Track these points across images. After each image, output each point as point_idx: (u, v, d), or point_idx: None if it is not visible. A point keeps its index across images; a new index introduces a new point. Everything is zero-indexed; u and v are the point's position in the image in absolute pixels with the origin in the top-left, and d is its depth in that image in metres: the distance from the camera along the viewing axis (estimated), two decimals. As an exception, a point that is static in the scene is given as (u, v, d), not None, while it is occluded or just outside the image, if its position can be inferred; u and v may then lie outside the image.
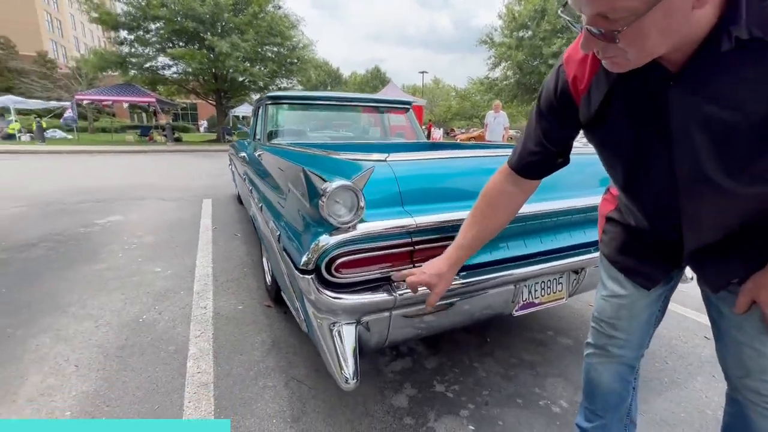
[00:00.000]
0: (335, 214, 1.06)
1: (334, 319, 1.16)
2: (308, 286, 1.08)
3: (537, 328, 2.17)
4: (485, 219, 1.03)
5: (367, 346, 1.22)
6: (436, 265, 1.07)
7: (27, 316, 2.20)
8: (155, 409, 1.52)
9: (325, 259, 1.09)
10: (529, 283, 1.52)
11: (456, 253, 1.06)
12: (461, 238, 1.06)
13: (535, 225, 1.51)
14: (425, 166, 1.41)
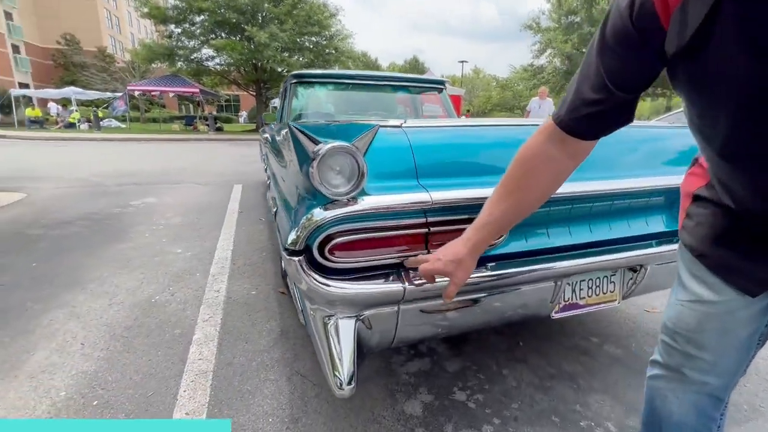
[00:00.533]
0: (329, 184, 0.87)
1: (329, 311, 0.97)
2: (296, 270, 0.89)
3: (579, 334, 1.87)
4: (519, 191, 0.79)
5: (368, 346, 1.02)
6: (453, 249, 0.86)
7: (49, 290, 2.22)
8: (148, 395, 1.42)
9: (318, 237, 0.90)
10: (574, 280, 1.25)
11: (478, 234, 0.83)
12: (486, 215, 0.82)
13: (583, 209, 1.23)
14: (447, 135, 1.17)
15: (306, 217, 0.89)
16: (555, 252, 1.20)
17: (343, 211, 0.89)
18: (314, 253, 0.91)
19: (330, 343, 0.95)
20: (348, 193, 0.88)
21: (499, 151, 1.16)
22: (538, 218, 1.18)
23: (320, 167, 0.84)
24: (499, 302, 1.17)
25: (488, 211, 0.82)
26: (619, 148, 1.30)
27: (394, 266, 1.01)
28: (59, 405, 1.37)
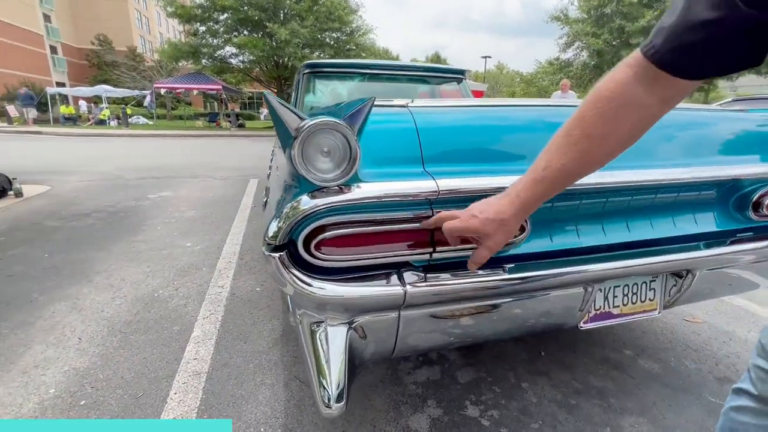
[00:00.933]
0: (315, 168, 0.73)
1: (317, 317, 0.84)
2: (277, 269, 0.77)
3: (610, 345, 1.68)
4: (588, 141, 0.60)
5: (361, 358, 0.89)
6: (495, 206, 0.70)
7: (56, 282, 2.20)
8: (138, 396, 1.34)
9: (304, 230, 0.77)
10: (607, 286, 1.08)
11: (530, 190, 0.66)
12: (542, 168, 0.65)
13: (621, 203, 1.05)
14: (460, 116, 1.02)
15: (290, 206, 0.76)
16: (585, 253, 1.03)
17: (333, 200, 0.76)
18: (299, 248, 0.78)
19: (317, 354, 0.82)
20: (337, 179, 0.74)
21: (520, 135, 1.00)
22: (566, 213, 1.01)
23: (304, 148, 0.71)
24: (518, 309, 1.01)
25: (544, 164, 0.65)
26: (664, 133, 1.11)
27: (393, 266, 0.87)
28: (46, 404, 1.30)
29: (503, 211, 0.69)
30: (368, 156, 0.85)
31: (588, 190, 0.96)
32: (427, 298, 0.86)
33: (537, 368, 1.52)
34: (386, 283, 0.83)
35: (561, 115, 1.06)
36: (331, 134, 0.72)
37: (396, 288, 0.82)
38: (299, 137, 0.70)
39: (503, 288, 0.91)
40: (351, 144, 0.73)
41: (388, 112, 0.97)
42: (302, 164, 0.72)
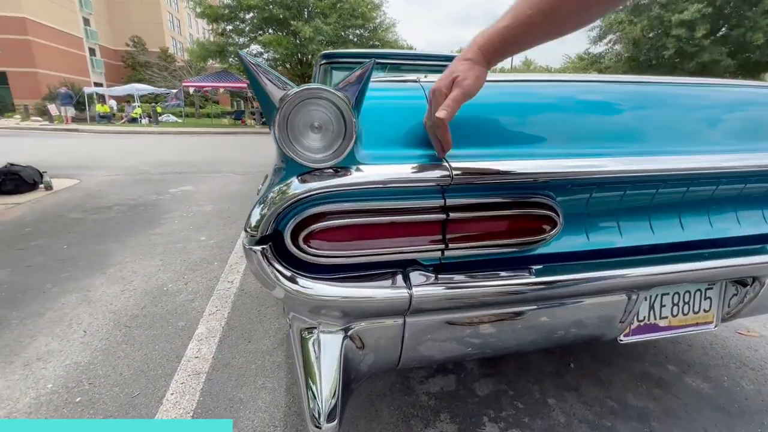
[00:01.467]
0: (302, 146, 0.62)
1: (309, 321, 0.73)
2: (259, 264, 0.66)
3: (651, 358, 1.49)
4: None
5: (358, 370, 0.77)
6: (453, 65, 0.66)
7: (71, 273, 2.20)
8: (134, 396, 1.27)
9: (293, 220, 0.66)
10: (653, 294, 0.92)
11: (486, 36, 0.64)
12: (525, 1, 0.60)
13: (674, 196, 0.89)
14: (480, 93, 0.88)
15: (275, 191, 0.65)
16: (629, 254, 0.87)
17: (326, 185, 0.64)
18: (286, 240, 0.67)
19: (308, 364, 0.71)
20: (329, 159, 0.63)
21: (548, 114, 0.84)
22: (606, 206, 0.85)
23: (289, 121, 0.60)
24: (547, 318, 0.86)
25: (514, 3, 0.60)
26: (728, 114, 0.94)
27: (398, 264, 0.75)
28: (42, 399, 1.26)
29: (464, 55, 0.64)
30: (371, 135, 0.73)
31: (634, 178, 0.81)
32: (437, 303, 0.73)
33: (566, 382, 1.36)
34: (388, 285, 0.71)
35: (593, 91, 0.91)
36: (322, 105, 0.61)
37: (400, 291, 0.69)
38: (283, 108, 0.59)
39: (529, 293, 0.77)
40: (345, 117, 0.61)
41: (397, 87, 0.85)
42: (287, 141, 0.61)
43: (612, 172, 0.77)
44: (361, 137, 0.71)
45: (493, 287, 0.75)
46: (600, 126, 0.84)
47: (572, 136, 0.81)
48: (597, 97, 0.88)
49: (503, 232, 0.76)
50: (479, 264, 0.80)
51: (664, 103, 0.92)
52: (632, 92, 0.92)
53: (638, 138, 0.85)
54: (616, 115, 0.86)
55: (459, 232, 0.73)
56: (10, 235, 2.83)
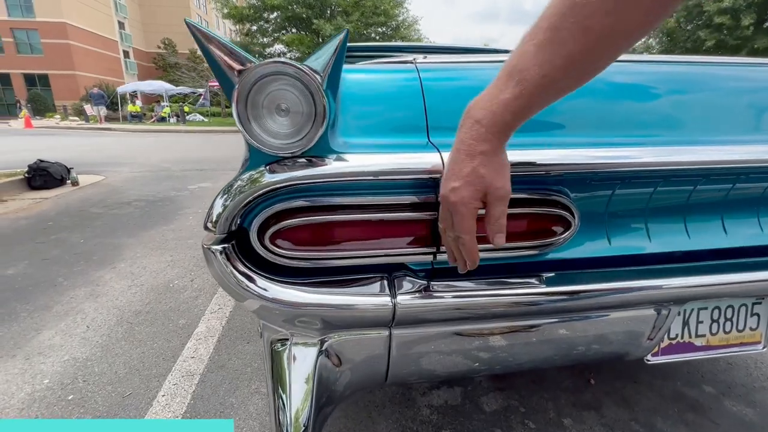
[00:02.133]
0: (264, 130, 0.53)
1: (280, 331, 0.64)
2: (220, 266, 0.58)
3: (685, 377, 1.33)
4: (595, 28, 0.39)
5: (333, 389, 0.68)
6: (454, 154, 0.50)
7: (83, 267, 2.22)
8: (125, 395, 1.24)
9: (260, 216, 0.58)
10: (688, 308, 0.78)
11: (513, 102, 0.45)
12: (532, 61, 0.43)
13: (715, 194, 0.75)
14: (482, 74, 0.77)
15: (242, 181, 0.57)
16: (658, 261, 0.74)
17: (296, 176, 0.56)
18: (252, 238, 0.59)
19: (278, 378, 0.63)
20: (296, 147, 0.54)
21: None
22: (632, 205, 0.73)
23: (248, 102, 0.52)
24: (567, 331, 0.75)
25: (533, 55, 0.42)
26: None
27: (384, 268, 0.65)
28: (36, 395, 1.24)
29: (470, 148, 0.48)
30: (355, 121, 0.65)
31: (667, 172, 0.68)
32: (427, 314, 0.64)
33: (585, 400, 1.23)
34: (369, 292, 0.61)
35: (618, 72, 0.78)
36: (287, 83, 0.52)
37: (382, 299, 0.60)
38: (240, 86, 0.51)
39: (536, 305, 0.66)
40: (315, 98, 0.52)
41: (386, 68, 0.75)
42: (247, 124, 0.52)
43: (641, 164, 0.65)
44: (339, 123, 0.62)
45: (492, 297, 0.65)
46: (626, 110, 0.72)
47: (591, 123, 0.70)
48: (623, 78, 0.76)
49: (506, 233, 0.65)
50: (480, 270, 0.70)
51: (705, 85, 0.79)
52: (666, 73, 0.79)
53: (673, 125, 0.72)
54: (646, 99, 0.74)
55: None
56: (33, 228, 2.91)
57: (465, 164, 0.48)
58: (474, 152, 0.47)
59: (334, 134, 0.61)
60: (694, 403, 1.21)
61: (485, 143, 0.47)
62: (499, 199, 0.50)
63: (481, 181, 0.48)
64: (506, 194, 0.50)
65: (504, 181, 0.49)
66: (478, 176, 0.48)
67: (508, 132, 0.48)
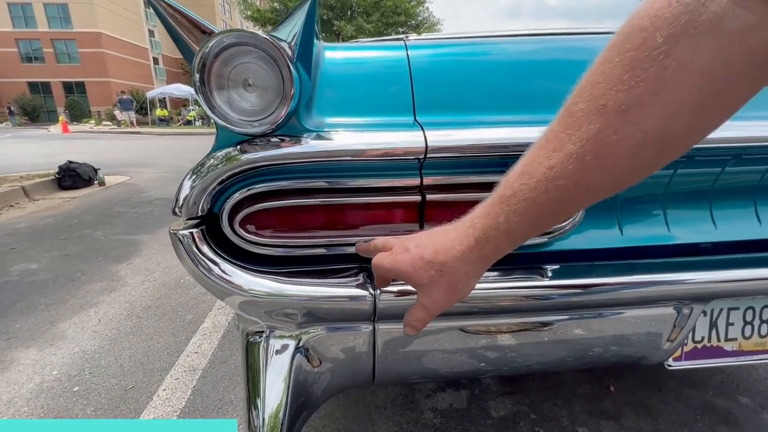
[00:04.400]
0: (228, 106, 0.50)
1: (256, 322, 0.61)
2: (187, 252, 0.55)
3: (716, 386, 1.21)
4: (612, 115, 0.29)
5: (314, 387, 0.63)
6: (436, 241, 0.40)
7: (101, 263, 2.28)
8: (127, 389, 1.24)
9: (231, 199, 0.54)
10: (715, 308, 0.69)
11: (490, 217, 0.36)
12: (516, 176, 0.35)
13: (748, 176, 0.66)
14: (477, 50, 0.71)
15: (210, 161, 0.53)
16: (679, 254, 0.66)
17: (271, 154, 0.52)
18: (222, 223, 0.55)
19: (254, 376, 0.59)
20: (262, 125, 0.50)
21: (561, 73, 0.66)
22: (647, 190, 0.65)
23: (211, 75, 0.48)
24: (580, 330, 0.67)
25: (520, 168, 0.35)
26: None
27: (359, 257, 0.60)
28: (44, 386, 1.26)
29: (445, 249, 0.38)
30: (335, 99, 0.60)
31: (690, 151, 0.60)
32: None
33: (602, 408, 1.14)
34: (349, 283, 0.57)
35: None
36: (252, 54, 0.48)
37: (361, 291, 0.55)
38: (201, 58, 0.47)
39: (535, 301, 0.59)
40: (282, 72, 0.48)
41: (372, 45, 0.70)
42: (209, 100, 0.49)
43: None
44: (316, 101, 0.58)
45: (487, 291, 0.59)
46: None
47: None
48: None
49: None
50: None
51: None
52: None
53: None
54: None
55: (437, 219, 0.57)
56: (59, 226, 3.03)
57: (432, 254, 0.39)
58: (444, 250, 0.39)
59: (310, 113, 0.57)
60: (727, 416, 1.09)
61: (452, 250, 0.38)
62: (425, 309, 0.42)
63: (422, 275, 0.39)
64: (434, 308, 0.42)
65: (443, 295, 0.40)
66: (428, 266, 0.39)
67: (483, 249, 0.38)
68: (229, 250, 0.58)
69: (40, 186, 4.12)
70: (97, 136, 13.71)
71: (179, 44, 0.49)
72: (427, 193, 0.56)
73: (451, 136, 0.54)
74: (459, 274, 0.39)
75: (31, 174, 4.52)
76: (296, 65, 0.49)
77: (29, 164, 5.46)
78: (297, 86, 0.49)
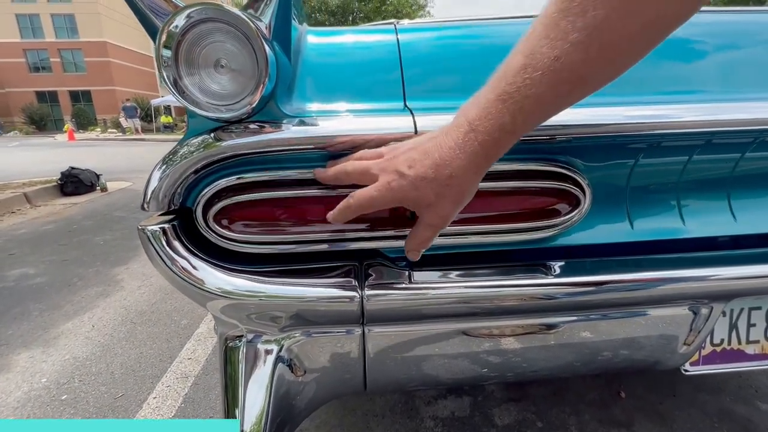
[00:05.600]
0: (197, 89, 0.45)
1: (235, 327, 0.56)
2: (159, 249, 0.50)
3: (734, 391, 1.15)
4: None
5: (299, 397, 0.58)
6: (431, 153, 0.38)
7: (98, 268, 2.26)
8: (117, 397, 1.20)
9: (204, 191, 0.50)
10: (736, 308, 0.64)
11: (493, 118, 0.34)
12: (515, 69, 0.33)
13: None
14: (471, 33, 0.67)
15: (185, 147, 0.49)
16: (695, 248, 0.61)
17: (249, 141, 0.47)
18: (198, 219, 0.51)
19: (229, 384, 0.54)
20: (235, 110, 0.45)
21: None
22: (659, 178, 0.60)
23: (179, 55, 0.44)
24: (589, 333, 0.62)
25: (521, 60, 0.33)
26: None
27: (357, 255, 0.56)
28: (32, 394, 1.23)
29: (449, 160, 0.37)
30: (320, 84, 0.56)
31: (709, 135, 0.55)
32: (404, 309, 0.53)
33: (612, 416, 1.08)
34: (334, 283, 0.52)
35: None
36: (225, 33, 0.44)
37: (346, 292, 0.51)
38: (166, 33, 0.43)
39: (537, 302, 0.55)
40: (256, 51, 0.44)
41: (360, 29, 0.66)
42: (176, 83, 0.45)
43: (676, 124, 0.52)
44: (298, 86, 0.54)
45: (483, 290, 0.54)
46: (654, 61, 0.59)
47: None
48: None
49: (497, 213, 0.54)
50: (472, 257, 0.59)
51: (759, 36, 0.65)
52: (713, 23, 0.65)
53: (717, 78, 0.59)
54: (681, 45, 0.60)
55: (431, 212, 0.53)
56: (59, 231, 3.01)
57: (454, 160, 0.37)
58: (444, 165, 0.38)
59: (291, 98, 0.52)
60: (746, 423, 1.03)
61: (456, 160, 0.37)
62: (430, 226, 0.42)
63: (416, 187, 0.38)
64: (442, 221, 0.41)
65: (450, 208, 0.40)
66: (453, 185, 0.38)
67: (488, 152, 0.37)
68: (209, 249, 0.53)
69: (42, 192, 4.12)
70: (102, 144, 13.83)
71: (143, 21, 0.45)
72: (417, 184, 0.51)
73: (442, 120, 0.49)
74: (466, 182, 0.38)
75: (34, 180, 4.53)
76: (272, 45, 0.45)
77: (34, 171, 5.48)
78: (273, 68, 0.45)
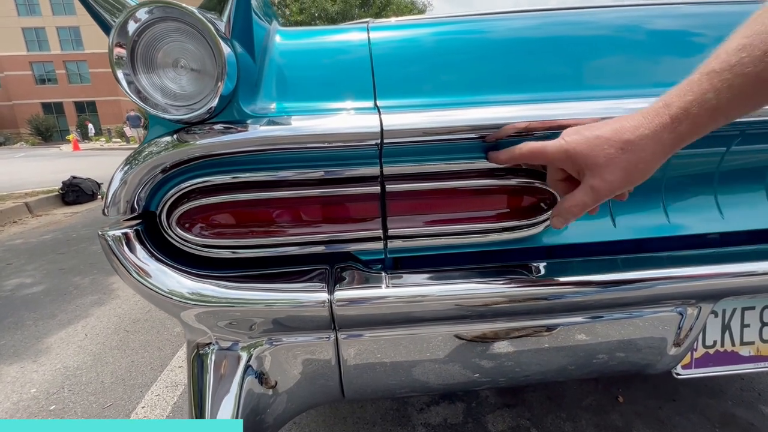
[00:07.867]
0: (153, 88, 0.44)
1: (203, 334, 0.54)
2: (119, 253, 0.49)
3: (736, 394, 1.11)
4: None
5: (272, 407, 0.56)
6: (612, 123, 0.40)
7: (94, 276, 2.25)
8: (105, 407, 1.18)
9: (169, 193, 0.49)
10: (728, 308, 0.61)
11: (695, 93, 0.35)
12: (736, 47, 0.33)
13: (760, 157, 0.59)
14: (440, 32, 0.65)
15: (148, 148, 0.48)
16: (681, 247, 0.58)
17: (212, 142, 0.46)
18: (163, 223, 0.49)
19: (196, 393, 0.52)
20: (192, 111, 0.44)
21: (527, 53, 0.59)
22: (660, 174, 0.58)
23: (134, 55, 0.43)
24: (574, 335, 0.59)
25: (743, 44, 0.33)
26: None
27: (327, 259, 0.54)
28: (21, 404, 1.21)
29: (631, 128, 0.38)
30: (288, 83, 0.55)
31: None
32: (376, 314, 0.52)
33: (611, 421, 1.04)
34: (302, 288, 0.50)
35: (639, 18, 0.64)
36: (181, 31, 0.43)
37: (315, 295, 0.49)
38: (118, 32, 0.42)
39: (518, 305, 0.52)
40: (213, 49, 0.43)
41: (333, 29, 0.65)
42: (133, 84, 0.44)
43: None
44: (265, 86, 0.52)
45: (460, 292, 0.52)
46: (630, 55, 0.57)
47: (587, 72, 0.56)
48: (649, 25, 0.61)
49: (472, 213, 0.52)
50: (449, 258, 0.57)
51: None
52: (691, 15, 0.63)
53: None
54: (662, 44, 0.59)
55: (401, 212, 0.51)
56: (59, 240, 3.02)
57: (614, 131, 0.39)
58: (623, 131, 0.39)
59: (255, 98, 0.51)
60: (748, 427, 0.99)
61: (640, 128, 0.38)
62: (592, 191, 0.41)
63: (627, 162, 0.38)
64: (606, 191, 0.41)
65: (619, 178, 0.40)
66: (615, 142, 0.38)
67: (681, 129, 0.37)
68: (177, 256, 0.52)
69: (44, 202, 4.15)
70: (106, 153, 13.97)
71: (97, 20, 0.44)
72: (387, 183, 0.50)
73: (409, 119, 0.48)
74: (645, 154, 0.37)
75: (36, 191, 4.57)
76: (231, 43, 0.44)
77: (37, 182, 5.53)
78: (232, 67, 0.44)
